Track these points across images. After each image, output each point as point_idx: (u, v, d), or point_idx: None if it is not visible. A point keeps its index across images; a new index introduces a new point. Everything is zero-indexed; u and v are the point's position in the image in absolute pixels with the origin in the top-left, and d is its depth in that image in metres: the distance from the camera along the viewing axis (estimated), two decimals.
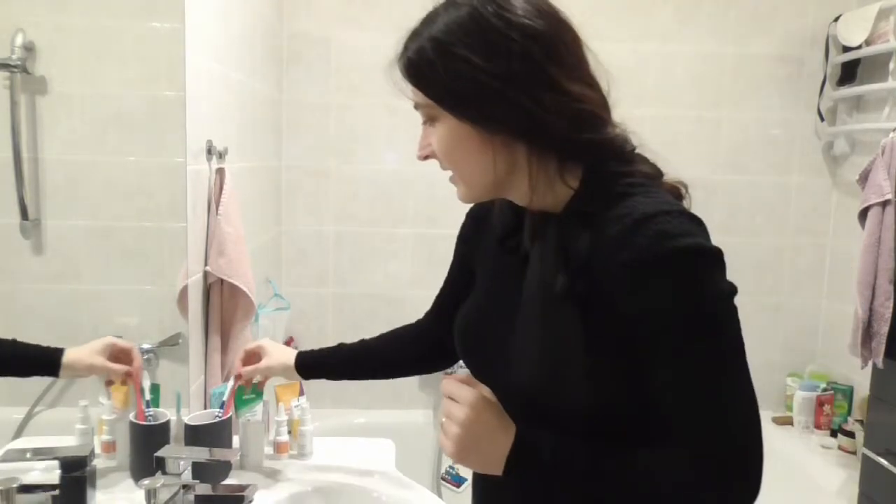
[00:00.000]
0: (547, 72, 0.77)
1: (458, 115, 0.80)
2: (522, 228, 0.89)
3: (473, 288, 0.99)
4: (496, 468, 0.78)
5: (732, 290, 0.75)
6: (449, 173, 0.88)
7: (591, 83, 0.81)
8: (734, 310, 0.75)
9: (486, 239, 0.98)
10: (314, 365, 1.27)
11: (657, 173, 0.83)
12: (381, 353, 1.25)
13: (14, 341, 1.09)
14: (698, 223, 0.75)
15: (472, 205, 1.04)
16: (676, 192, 0.83)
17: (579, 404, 0.78)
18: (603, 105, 0.81)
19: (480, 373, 0.91)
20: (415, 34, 0.84)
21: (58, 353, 1.16)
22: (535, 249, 0.86)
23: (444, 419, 0.82)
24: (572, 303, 0.77)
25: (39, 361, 1.15)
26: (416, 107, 0.86)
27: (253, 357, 1.34)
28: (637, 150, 0.83)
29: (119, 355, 1.26)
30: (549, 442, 0.78)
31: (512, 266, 0.90)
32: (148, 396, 1.28)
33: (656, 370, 0.74)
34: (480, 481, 0.99)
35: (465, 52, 0.77)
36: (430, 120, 0.85)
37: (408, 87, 0.85)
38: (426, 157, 0.88)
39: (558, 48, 0.79)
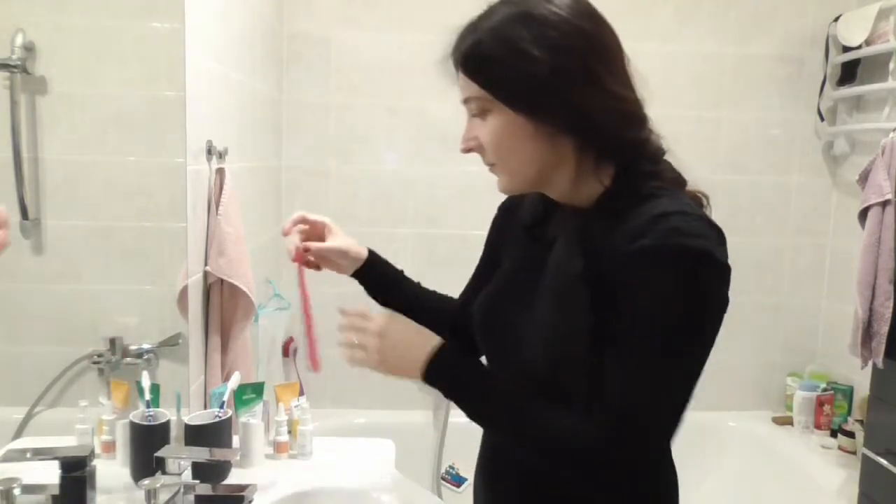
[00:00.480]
0: (596, 71, 0.82)
1: (516, 107, 0.83)
2: (549, 219, 0.95)
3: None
4: (414, 369, 0.89)
5: (723, 299, 0.79)
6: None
7: (630, 85, 0.86)
8: (716, 319, 0.80)
9: (515, 229, 1.03)
10: (380, 266, 1.28)
11: (682, 180, 0.89)
12: (429, 304, 1.25)
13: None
14: (717, 232, 0.79)
15: (505, 197, 1.09)
16: (698, 202, 0.87)
17: (582, 380, 0.82)
18: (640, 106, 0.87)
19: (495, 349, 0.98)
20: (471, 28, 0.86)
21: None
22: (561, 239, 0.91)
23: (355, 339, 0.93)
24: (584, 284, 0.82)
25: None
26: (467, 101, 0.88)
27: (316, 230, 1.26)
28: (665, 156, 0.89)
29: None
30: (466, 358, 0.90)
31: (536, 253, 0.95)
32: (148, 396, 1.28)
33: (617, 342, 0.79)
34: (482, 481, 1.00)
35: (525, 45, 0.80)
36: (481, 113, 0.87)
37: (459, 81, 0.88)
38: (469, 150, 0.90)
39: (604, 50, 0.84)
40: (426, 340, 0.90)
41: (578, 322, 0.82)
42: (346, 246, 1.22)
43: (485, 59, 0.83)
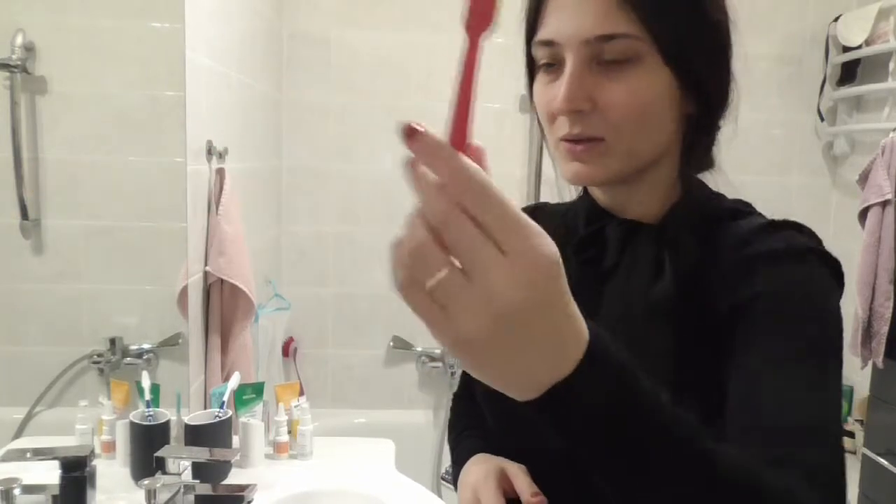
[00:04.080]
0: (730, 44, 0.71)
1: (679, 60, 0.65)
2: (601, 237, 0.73)
3: None
4: (531, 386, 0.42)
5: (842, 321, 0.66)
6: None
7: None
8: (841, 341, 0.64)
9: None
10: None
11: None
12: None
13: None
14: (821, 244, 0.68)
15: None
16: None
17: None
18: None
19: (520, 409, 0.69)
20: None
21: None
22: (625, 261, 0.70)
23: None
24: (667, 315, 0.64)
25: None
26: (608, 38, 0.62)
27: None
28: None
29: None
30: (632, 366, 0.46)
31: (586, 281, 0.67)
32: (148, 396, 1.28)
33: (748, 364, 0.61)
34: None
35: None
36: (622, 62, 0.63)
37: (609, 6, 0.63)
38: (572, 112, 0.64)
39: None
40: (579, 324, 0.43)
41: (662, 360, 0.62)
42: None
43: None
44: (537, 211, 0.84)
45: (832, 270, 0.65)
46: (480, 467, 0.73)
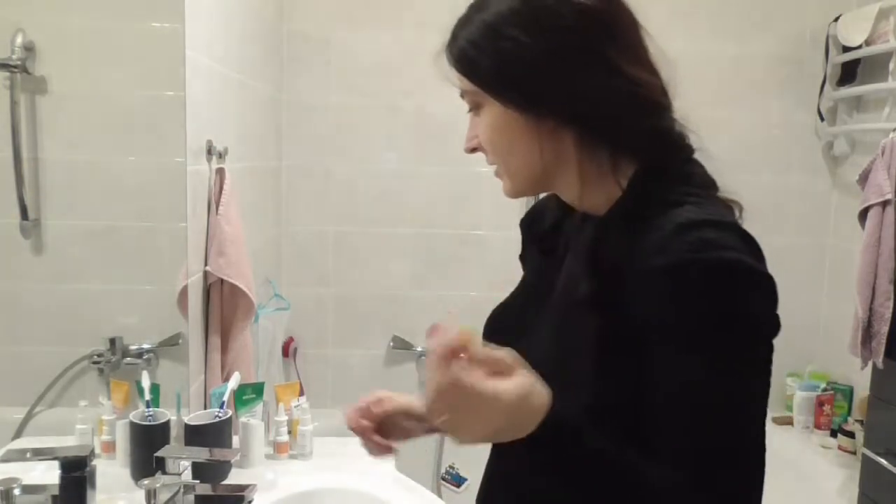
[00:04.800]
0: (600, 51, 0.73)
1: (504, 99, 0.75)
2: (559, 229, 0.85)
3: None
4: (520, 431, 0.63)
5: (774, 323, 0.68)
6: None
7: (650, 68, 0.76)
8: (764, 346, 0.68)
9: (533, 243, 0.94)
10: None
11: (711, 183, 0.77)
12: None
13: None
14: (749, 242, 0.68)
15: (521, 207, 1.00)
16: (729, 211, 0.76)
17: (582, 406, 0.68)
18: (662, 92, 0.76)
19: None
20: (464, 19, 0.78)
21: None
22: (572, 250, 0.82)
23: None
24: (592, 309, 0.71)
25: None
26: (463, 95, 0.80)
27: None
28: (695, 155, 0.78)
29: None
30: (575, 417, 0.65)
31: (548, 267, 0.85)
32: (148, 396, 1.28)
33: (657, 384, 0.67)
34: (487, 484, 0.91)
35: (512, 31, 0.73)
36: (475, 108, 0.80)
37: (453, 75, 0.79)
38: (473, 150, 0.83)
39: (613, 27, 0.75)
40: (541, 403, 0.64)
41: (580, 350, 0.70)
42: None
43: (470, 51, 0.75)
44: (546, 204, 0.93)
45: (749, 270, 0.66)
46: None
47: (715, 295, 0.64)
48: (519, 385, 0.61)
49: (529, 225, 0.95)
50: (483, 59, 0.75)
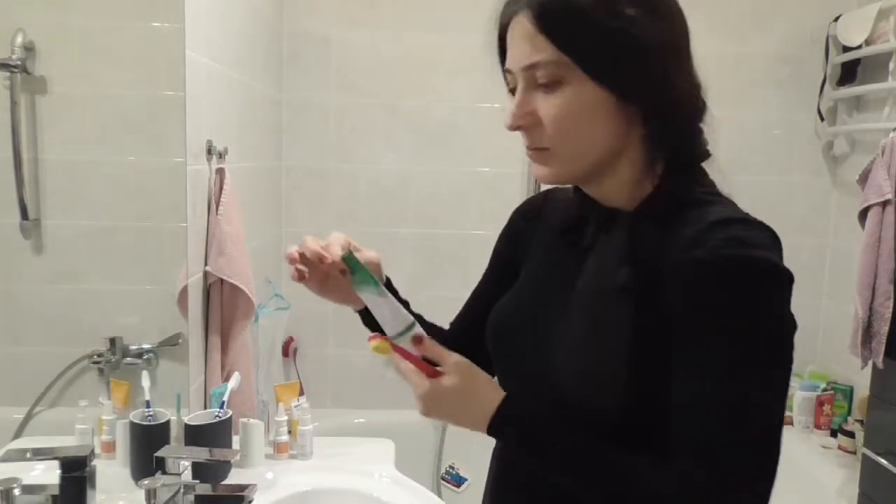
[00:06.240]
0: (687, 45, 0.74)
1: (605, 77, 0.70)
2: (585, 222, 0.83)
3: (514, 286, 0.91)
4: (481, 423, 0.75)
5: (793, 322, 0.69)
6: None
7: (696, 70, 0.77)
8: (789, 342, 0.69)
9: (540, 235, 0.91)
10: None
11: (713, 183, 0.79)
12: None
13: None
14: (776, 241, 0.71)
15: (522, 199, 0.99)
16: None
17: (617, 401, 0.72)
18: (705, 96, 0.77)
19: (516, 370, 0.85)
20: None
21: None
22: (601, 243, 0.81)
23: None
24: (629, 298, 0.72)
25: None
26: (532, 67, 0.72)
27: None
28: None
29: None
30: (535, 410, 0.76)
31: (569, 259, 0.83)
32: (148, 396, 1.28)
33: (685, 374, 0.68)
34: (493, 486, 0.92)
35: (629, 9, 0.69)
36: (550, 84, 0.72)
37: (522, 44, 0.73)
38: (518, 128, 0.76)
39: (686, 24, 0.76)
40: (494, 391, 0.77)
41: (619, 341, 0.72)
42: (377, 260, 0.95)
43: (571, 15, 0.69)
44: (548, 195, 0.94)
45: (775, 269, 0.68)
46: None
47: (745, 290, 0.67)
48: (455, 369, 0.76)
49: (532, 217, 0.94)
50: (591, 32, 0.70)
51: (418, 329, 0.78)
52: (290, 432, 1.47)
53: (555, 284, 0.84)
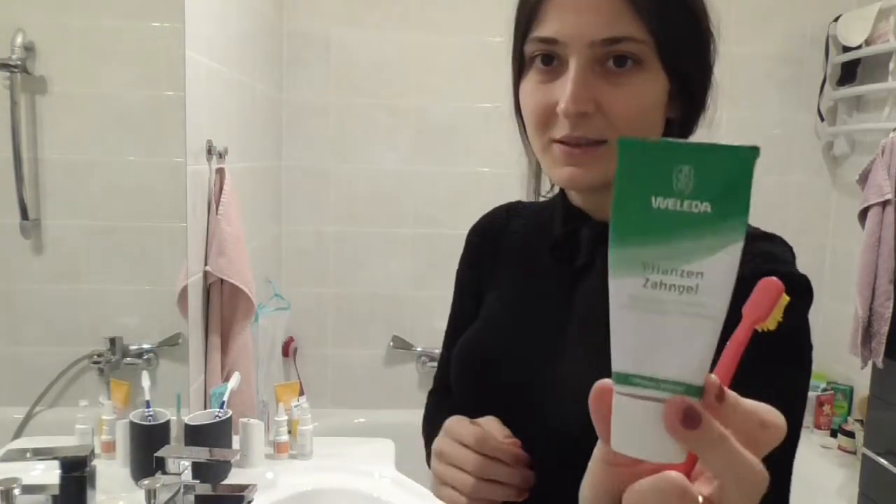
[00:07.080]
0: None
1: (676, 65, 0.65)
2: (575, 238, 0.72)
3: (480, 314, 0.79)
4: None
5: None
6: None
7: None
8: (811, 353, 0.64)
9: (507, 255, 0.80)
10: None
11: None
12: None
13: None
14: (793, 253, 0.68)
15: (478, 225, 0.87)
16: None
17: None
18: None
19: (502, 406, 0.70)
20: None
21: None
22: (598, 262, 0.70)
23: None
24: None
25: None
26: (610, 42, 0.62)
27: None
28: None
29: None
30: None
31: (555, 282, 0.73)
32: (148, 396, 1.28)
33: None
34: None
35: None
36: (626, 67, 0.63)
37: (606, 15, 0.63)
38: (579, 115, 0.63)
39: None
40: None
41: None
42: None
43: None
44: (511, 210, 0.85)
45: (808, 287, 0.64)
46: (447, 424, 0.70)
47: (789, 309, 0.63)
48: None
49: (496, 235, 0.83)
50: (683, 17, 0.65)
51: None
52: (290, 432, 1.47)
53: (541, 312, 0.73)
